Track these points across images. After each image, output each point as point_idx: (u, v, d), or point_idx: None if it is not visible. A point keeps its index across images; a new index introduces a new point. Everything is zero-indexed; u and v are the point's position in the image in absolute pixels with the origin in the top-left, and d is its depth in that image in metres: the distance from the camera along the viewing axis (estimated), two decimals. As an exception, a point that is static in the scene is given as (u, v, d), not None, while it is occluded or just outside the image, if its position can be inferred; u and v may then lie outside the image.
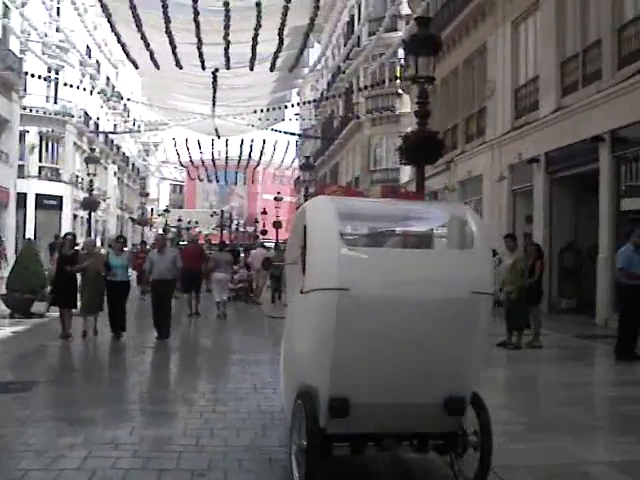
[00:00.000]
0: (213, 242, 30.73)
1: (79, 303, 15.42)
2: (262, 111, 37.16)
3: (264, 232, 65.19)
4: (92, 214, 36.37)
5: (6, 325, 16.94)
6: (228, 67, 27.54)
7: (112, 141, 62.97)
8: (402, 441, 6.12)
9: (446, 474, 6.56)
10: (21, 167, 44.18)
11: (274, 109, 37.83)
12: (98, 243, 34.62)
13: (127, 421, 8.48)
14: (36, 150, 47.32)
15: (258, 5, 21.07)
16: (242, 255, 30.69)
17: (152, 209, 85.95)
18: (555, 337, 15.78)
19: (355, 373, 5.67)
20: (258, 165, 60.79)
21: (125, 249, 18.54)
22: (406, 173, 37.48)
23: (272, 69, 28.36)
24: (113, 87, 59.05)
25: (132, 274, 20.48)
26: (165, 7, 20.85)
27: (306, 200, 37.32)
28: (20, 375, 11.34)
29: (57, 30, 34.62)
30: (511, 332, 14.42)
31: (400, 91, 40.94)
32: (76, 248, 15.86)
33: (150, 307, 16.07)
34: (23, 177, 44.09)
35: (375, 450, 6.14)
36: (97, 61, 50.99)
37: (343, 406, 5.67)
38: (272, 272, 24.00)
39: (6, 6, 35.10)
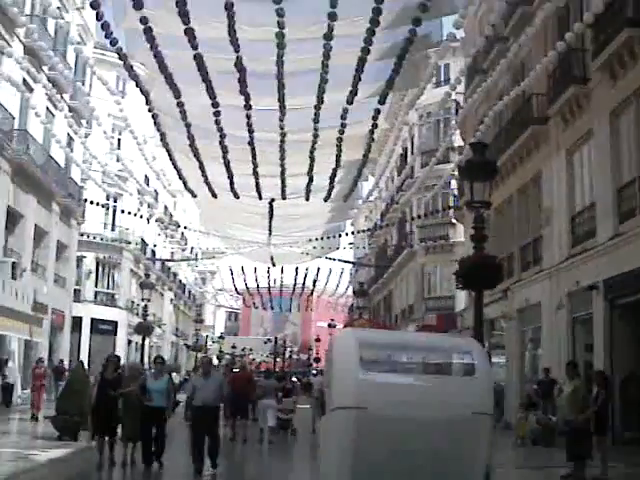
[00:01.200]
0: (261, 369, 30.43)
1: (119, 430, 14.54)
2: (317, 239, 37.34)
3: (317, 359, 64.63)
4: (146, 339, 36.39)
5: (53, 447, 16.64)
6: (284, 197, 27.84)
7: (169, 268, 63.81)
8: None
9: None
10: (77, 291, 45.20)
11: (328, 238, 38.00)
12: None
13: None
14: (92, 275, 48.17)
15: (314, 137, 21.36)
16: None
17: (207, 335, 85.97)
18: (621, 470, 14.94)
19: None
20: (312, 293, 60.91)
21: (170, 375, 17.62)
22: (462, 300, 37.08)
23: (326, 200, 28.59)
24: (171, 215, 60.29)
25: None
26: (222, 137, 21.25)
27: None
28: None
29: (117, 160, 35.65)
30: (578, 464, 13.75)
31: (454, 220, 41.03)
32: (119, 371, 15.05)
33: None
34: (79, 301, 44.91)
35: None
36: (155, 190, 52.25)
37: None
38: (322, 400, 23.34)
39: (70, 137, 36.41)
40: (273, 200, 28.35)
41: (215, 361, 75.41)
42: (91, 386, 15.13)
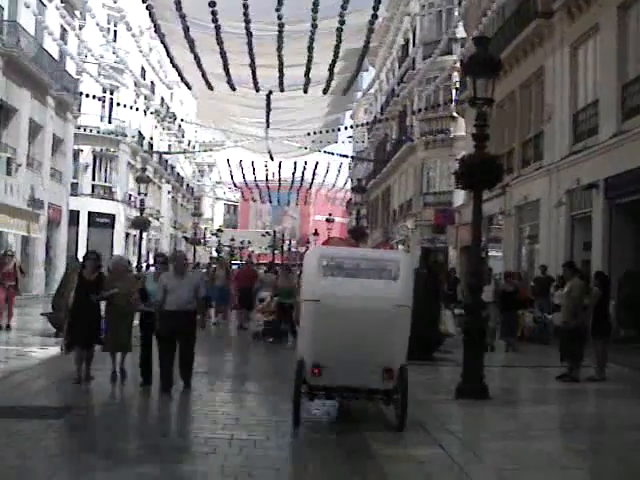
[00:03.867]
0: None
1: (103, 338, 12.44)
2: (315, 133, 36.90)
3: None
4: (144, 233, 36.44)
5: (49, 345, 16.50)
6: (282, 90, 27.35)
7: (166, 161, 63.38)
8: (358, 393, 9.80)
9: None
10: (74, 185, 45.12)
11: (327, 131, 37.54)
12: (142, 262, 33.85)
13: (155, 455, 7.90)
14: (89, 168, 47.91)
15: (313, 27, 20.79)
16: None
17: (206, 228, 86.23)
18: (616, 369, 14.87)
19: (326, 350, 9.34)
20: (310, 187, 60.70)
21: None
22: (460, 196, 36.91)
23: (325, 92, 28.10)
24: (167, 108, 59.49)
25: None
26: (218, 28, 20.71)
27: (357, 222, 37.03)
28: (55, 400, 11.01)
29: (113, 52, 34.93)
30: (572, 364, 13.85)
31: (455, 114, 40.41)
32: (100, 271, 12.60)
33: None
34: (76, 195, 44.86)
35: (340, 397, 10.07)
36: (152, 82, 51.43)
37: (318, 368, 9.31)
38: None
39: (64, 29, 35.59)
40: (270, 92, 27.88)
41: (214, 253, 75.94)
42: (69, 288, 12.90)
